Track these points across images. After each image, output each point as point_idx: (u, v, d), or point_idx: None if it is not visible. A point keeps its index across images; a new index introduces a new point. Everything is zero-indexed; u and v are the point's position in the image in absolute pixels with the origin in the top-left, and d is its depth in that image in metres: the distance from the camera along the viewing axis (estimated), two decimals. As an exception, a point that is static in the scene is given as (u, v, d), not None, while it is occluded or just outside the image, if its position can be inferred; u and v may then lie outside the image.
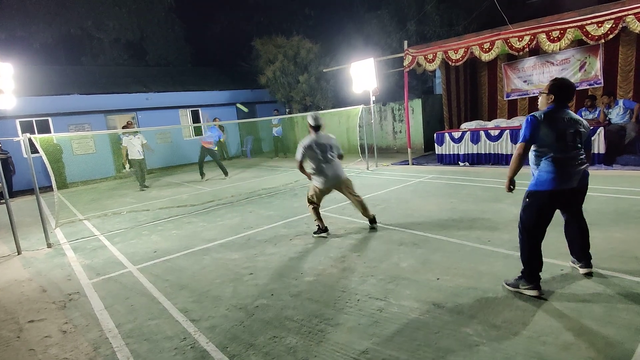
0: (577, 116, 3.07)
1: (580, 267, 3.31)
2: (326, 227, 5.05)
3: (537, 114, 3.02)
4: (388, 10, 14.50)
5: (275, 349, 2.66)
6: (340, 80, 14.48)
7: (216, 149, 11.17)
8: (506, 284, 3.20)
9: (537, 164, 3.05)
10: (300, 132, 16.61)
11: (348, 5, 17.55)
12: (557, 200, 3.03)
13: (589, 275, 3.27)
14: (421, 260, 3.91)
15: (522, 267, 3.08)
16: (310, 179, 4.99)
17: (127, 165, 10.96)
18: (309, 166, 4.91)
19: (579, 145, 3.00)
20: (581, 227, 3.26)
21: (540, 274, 3.04)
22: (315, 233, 5.05)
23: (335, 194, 5.21)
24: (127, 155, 9.98)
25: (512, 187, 3.13)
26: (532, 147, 3.05)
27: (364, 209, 5.08)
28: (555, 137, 2.94)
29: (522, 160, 3.02)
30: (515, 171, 3.06)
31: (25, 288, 4.21)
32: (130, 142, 9.86)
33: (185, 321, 3.14)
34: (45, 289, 4.11)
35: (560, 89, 3.04)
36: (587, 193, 3.15)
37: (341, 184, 4.95)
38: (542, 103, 3.17)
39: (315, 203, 5.00)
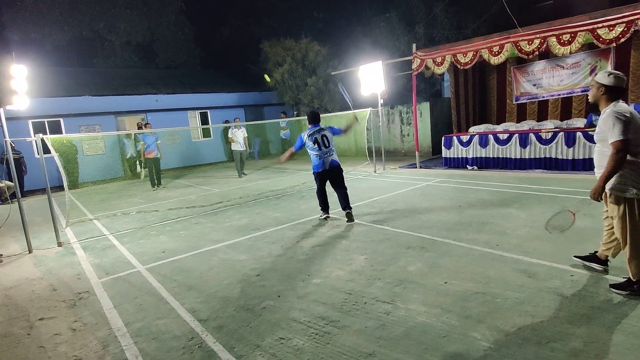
0: (322, 127, 5.70)
1: (347, 213, 5.65)
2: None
3: (304, 133, 5.68)
4: (397, 13, 14.51)
5: (281, 350, 2.67)
6: (349, 83, 14.49)
7: (159, 155, 10.46)
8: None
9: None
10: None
11: (357, 8, 17.58)
12: (325, 176, 5.66)
13: (349, 216, 5.61)
14: (429, 264, 3.90)
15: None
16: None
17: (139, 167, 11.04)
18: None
19: (327, 143, 5.60)
20: (343, 193, 5.71)
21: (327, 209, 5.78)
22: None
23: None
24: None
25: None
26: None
27: None
28: (313, 142, 5.57)
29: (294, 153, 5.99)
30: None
31: (36, 286, 4.27)
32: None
33: (193, 321, 3.16)
34: (55, 288, 4.17)
35: (310, 116, 5.75)
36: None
37: None
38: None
39: None
